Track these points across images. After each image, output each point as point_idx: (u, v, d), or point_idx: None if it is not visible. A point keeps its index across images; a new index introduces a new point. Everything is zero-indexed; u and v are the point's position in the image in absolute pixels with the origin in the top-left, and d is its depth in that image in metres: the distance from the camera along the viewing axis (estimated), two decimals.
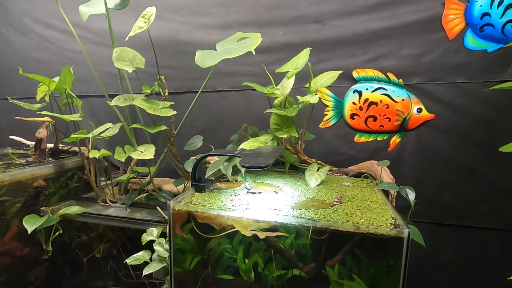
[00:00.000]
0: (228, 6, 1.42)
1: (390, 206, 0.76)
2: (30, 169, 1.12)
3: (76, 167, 1.31)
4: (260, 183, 0.98)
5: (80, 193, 1.33)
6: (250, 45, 0.93)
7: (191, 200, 0.80)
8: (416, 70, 1.26)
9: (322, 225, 0.65)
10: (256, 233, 0.70)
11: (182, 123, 1.24)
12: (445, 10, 1.19)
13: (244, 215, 0.70)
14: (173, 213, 0.74)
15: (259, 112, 1.47)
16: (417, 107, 1.26)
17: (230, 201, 0.80)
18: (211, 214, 0.73)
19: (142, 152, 1.05)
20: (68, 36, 1.68)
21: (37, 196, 1.16)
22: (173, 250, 0.76)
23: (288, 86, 0.97)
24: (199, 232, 0.77)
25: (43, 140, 1.20)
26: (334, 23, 1.31)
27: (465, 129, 1.24)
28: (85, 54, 1.31)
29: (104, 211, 1.13)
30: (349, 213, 0.73)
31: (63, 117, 1.11)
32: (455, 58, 1.21)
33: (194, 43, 1.48)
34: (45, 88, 1.29)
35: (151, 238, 0.94)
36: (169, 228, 0.75)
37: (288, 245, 0.84)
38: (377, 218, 0.70)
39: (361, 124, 1.34)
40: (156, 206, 1.16)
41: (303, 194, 0.87)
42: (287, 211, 0.73)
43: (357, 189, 0.94)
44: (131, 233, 1.20)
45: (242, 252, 0.90)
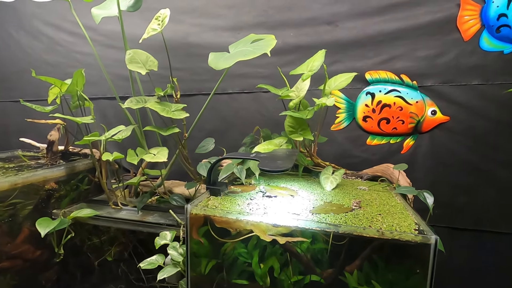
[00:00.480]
0: (238, 8, 1.42)
1: (411, 211, 0.74)
2: (42, 172, 1.11)
3: (87, 169, 1.31)
4: (275, 186, 0.97)
5: (90, 195, 1.33)
6: (265, 47, 0.92)
7: (207, 204, 0.79)
8: (430, 71, 1.24)
9: (345, 230, 0.63)
10: (276, 238, 0.68)
11: (193, 125, 1.24)
12: (461, 11, 1.17)
13: (264, 220, 0.69)
14: (190, 217, 0.73)
15: (270, 114, 1.46)
16: (432, 109, 1.24)
17: (247, 205, 0.79)
18: (230, 219, 0.72)
19: (154, 155, 1.04)
20: (78, 38, 1.68)
21: (48, 199, 1.16)
22: (190, 255, 0.75)
23: (304, 89, 0.96)
24: (216, 237, 0.76)
25: (55, 143, 1.20)
26: (347, 25, 1.30)
27: (481, 132, 1.22)
28: (97, 57, 1.31)
29: (116, 214, 1.12)
30: (369, 218, 0.71)
31: (75, 120, 1.11)
32: (471, 59, 1.19)
33: (204, 45, 1.48)
34: (56, 91, 1.29)
35: (164, 242, 0.93)
36: (186, 233, 0.74)
37: (304, 250, 0.83)
38: (399, 223, 0.68)
39: (374, 127, 1.32)
40: (167, 209, 1.15)
41: (319, 198, 0.86)
42: (306, 216, 0.71)
43: (374, 193, 0.92)
44: (142, 236, 1.19)
45: (257, 256, 0.88)
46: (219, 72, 1.49)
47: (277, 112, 1.47)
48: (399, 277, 0.72)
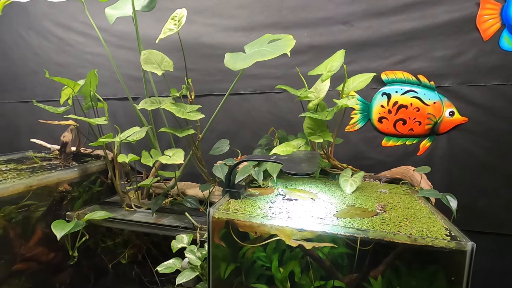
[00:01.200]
0: (251, 8, 1.40)
1: (439, 215, 0.72)
2: (56, 173, 1.10)
3: (99, 171, 1.30)
4: (294, 189, 0.95)
5: (102, 197, 1.32)
6: (284, 47, 0.90)
7: (228, 207, 0.78)
8: (448, 72, 1.22)
9: (375, 236, 0.61)
10: (302, 243, 0.67)
11: (207, 126, 1.22)
12: (480, 10, 1.15)
13: (289, 224, 0.67)
14: (212, 221, 0.71)
15: (282, 115, 1.45)
16: (449, 110, 1.22)
17: (269, 208, 0.77)
18: (253, 223, 0.70)
19: (170, 157, 1.03)
20: (89, 39, 1.68)
21: (61, 201, 1.15)
22: (212, 259, 0.73)
23: (323, 89, 0.94)
24: (239, 241, 0.75)
25: (68, 144, 1.19)
26: (362, 24, 1.28)
27: (501, 133, 1.19)
28: (110, 58, 1.30)
29: (130, 216, 1.11)
30: (397, 223, 0.69)
31: (89, 121, 1.10)
32: (490, 59, 1.17)
33: (217, 45, 1.47)
34: (69, 91, 1.28)
35: (182, 245, 0.92)
36: (208, 237, 0.72)
37: (326, 254, 0.81)
38: (429, 228, 0.66)
39: (390, 128, 1.30)
40: (181, 211, 1.14)
41: (341, 201, 0.84)
42: (331, 220, 0.69)
43: (395, 196, 0.90)
44: (156, 239, 1.18)
45: (277, 260, 0.87)
46: (231, 73, 1.48)
47: (290, 113, 1.45)
48: (424, 284, 0.70)
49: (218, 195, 1.20)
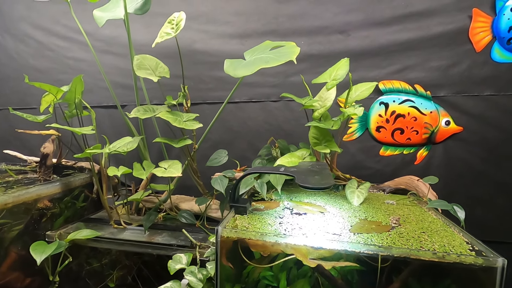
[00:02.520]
0: (247, 15, 1.37)
1: (456, 228, 0.70)
2: (36, 189, 0.99)
3: (83, 184, 1.19)
4: (299, 202, 0.90)
5: (86, 213, 1.21)
6: (289, 54, 0.87)
7: (235, 224, 0.72)
8: (443, 82, 1.23)
9: (400, 253, 0.58)
10: (321, 263, 0.62)
11: (203, 136, 1.16)
12: (472, 23, 1.18)
13: (306, 243, 0.62)
14: (221, 240, 0.65)
15: (279, 124, 1.41)
16: (445, 119, 1.23)
17: (279, 224, 0.72)
18: (266, 242, 0.64)
19: (166, 169, 0.95)
20: (71, 43, 1.57)
21: (40, 219, 1.03)
22: (220, 282, 0.66)
23: (330, 98, 0.91)
24: (249, 262, 0.68)
25: (49, 156, 1.08)
26: (359, 34, 1.28)
27: (494, 142, 1.22)
28: (98, 63, 1.22)
29: (120, 234, 1.01)
30: (415, 237, 0.66)
31: (74, 130, 1.01)
32: (483, 70, 1.20)
33: (211, 52, 1.42)
34: (50, 98, 1.18)
35: (180, 266, 0.84)
36: (216, 257, 0.66)
37: (337, 272, 0.77)
38: (449, 242, 0.63)
39: (388, 137, 1.29)
40: (176, 228, 1.06)
41: (352, 215, 0.80)
42: (349, 236, 0.65)
43: (404, 208, 0.88)
44: (148, 258, 1.09)
45: (285, 279, 0.81)
46: (225, 81, 1.44)
47: (286, 122, 1.42)
48: None
49: (215, 209, 1.13)
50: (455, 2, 1.19)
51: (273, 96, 1.40)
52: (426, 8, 1.21)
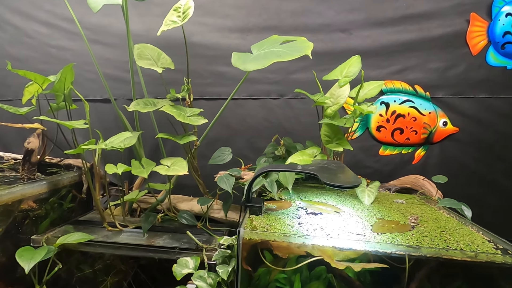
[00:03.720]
0: (248, 9, 1.33)
1: (475, 226, 0.70)
2: (20, 189, 0.89)
3: (71, 184, 1.10)
4: (310, 201, 0.88)
5: (74, 215, 1.11)
6: (303, 48, 0.84)
7: (254, 225, 0.68)
8: (441, 83, 1.26)
9: (433, 254, 0.56)
10: (351, 266, 0.59)
11: (205, 133, 1.11)
12: (470, 27, 1.21)
13: (337, 244, 0.59)
14: (243, 243, 0.61)
15: (279, 122, 1.38)
16: (443, 120, 1.26)
17: (299, 225, 0.69)
18: (292, 244, 0.61)
19: (169, 167, 0.89)
20: (54, 30, 1.45)
21: (23, 221, 0.93)
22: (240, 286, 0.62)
23: (343, 95, 0.89)
24: (270, 265, 0.65)
25: (34, 152, 0.98)
26: (361, 33, 1.28)
27: (487, 143, 1.26)
28: (91, 54, 1.13)
29: (116, 238, 0.93)
30: (438, 236, 0.65)
31: (66, 124, 0.92)
32: (478, 73, 1.24)
33: (210, 46, 1.36)
34: (34, 88, 1.07)
35: (188, 271, 0.78)
36: (237, 261, 0.61)
37: (354, 273, 0.75)
38: (472, 241, 0.63)
39: (387, 137, 1.30)
40: (176, 229, 1.00)
41: (368, 214, 0.79)
42: (373, 237, 0.63)
43: (415, 207, 0.88)
44: (144, 262, 1.02)
45: (299, 282, 0.78)
46: (224, 76, 1.39)
47: (287, 120, 1.39)
48: None
49: (217, 209, 1.08)
50: (454, 5, 1.22)
51: (273, 93, 1.37)
52: (426, 10, 1.23)
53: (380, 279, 0.74)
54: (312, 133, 1.33)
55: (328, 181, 0.60)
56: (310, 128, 1.36)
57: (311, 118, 1.36)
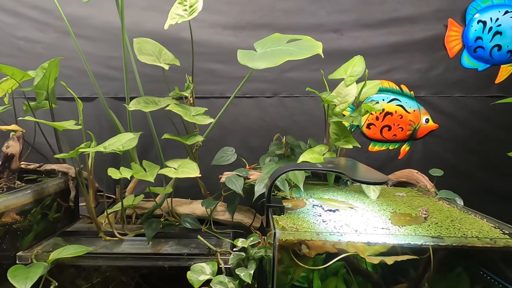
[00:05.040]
0: (242, 6, 1.31)
1: (478, 214, 0.77)
2: (3, 200, 0.78)
3: (57, 191, 0.99)
4: (322, 198, 0.89)
5: (59, 226, 1.01)
6: (313, 47, 0.85)
7: (281, 225, 0.67)
8: (423, 83, 1.35)
9: (459, 242, 0.60)
10: (384, 259, 0.61)
11: (207, 132, 1.06)
12: (447, 32, 1.32)
13: (372, 239, 0.60)
14: (278, 245, 0.59)
15: (273, 121, 1.38)
16: (425, 117, 1.36)
17: (323, 222, 0.69)
18: (327, 242, 0.61)
19: (176, 169, 0.84)
20: (22, 20, 1.30)
21: (4, 237, 0.82)
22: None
23: (351, 94, 0.92)
24: (301, 264, 0.64)
25: (14, 157, 0.86)
26: (352, 34, 1.32)
27: (462, 138, 1.38)
28: (79, 50, 1.02)
29: (117, 248, 0.86)
30: (451, 226, 0.70)
31: (55, 125, 0.82)
32: (455, 74, 1.35)
33: (200, 42, 1.31)
34: (8, 85, 0.94)
35: (205, 277, 0.75)
36: (273, 264, 0.60)
37: (372, 266, 0.77)
38: (481, 228, 0.69)
39: (377, 134, 1.37)
40: (179, 235, 0.96)
41: (380, 209, 0.82)
42: (397, 230, 0.66)
43: (416, 199, 0.93)
44: (145, 271, 0.95)
45: (318, 279, 0.79)
46: (215, 74, 1.35)
47: (281, 119, 1.39)
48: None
49: (221, 211, 1.05)
50: (434, 11, 1.31)
51: (268, 91, 1.36)
52: (410, 14, 1.31)
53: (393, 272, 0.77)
54: (306, 132, 1.36)
55: (360, 179, 0.61)
56: (304, 127, 1.38)
57: (305, 116, 1.38)
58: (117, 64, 1.34)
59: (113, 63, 1.34)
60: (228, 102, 1.04)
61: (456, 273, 0.76)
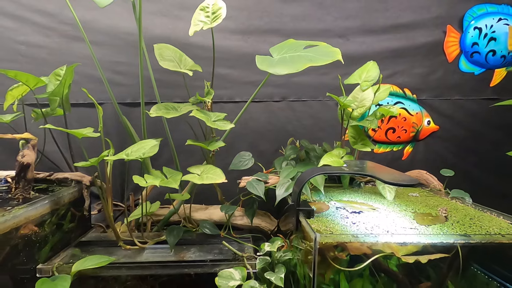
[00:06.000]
0: (250, 11, 1.32)
1: (494, 212, 0.81)
2: (23, 211, 0.75)
3: (71, 201, 0.96)
4: (342, 201, 0.91)
5: (73, 236, 0.98)
6: (332, 53, 0.87)
7: (315, 228, 0.68)
8: (425, 87, 1.41)
9: (488, 239, 0.63)
10: (419, 258, 0.63)
11: (224, 136, 1.06)
12: (446, 37, 1.38)
13: (407, 240, 0.63)
14: (319, 248, 0.61)
15: (281, 125, 1.40)
16: (427, 119, 1.41)
17: (353, 224, 0.71)
18: (365, 243, 0.63)
19: (199, 175, 0.84)
20: (23, 24, 1.26)
21: (23, 250, 0.79)
22: None
23: (368, 98, 0.94)
24: (336, 266, 0.65)
25: (30, 167, 0.83)
26: (357, 40, 1.36)
27: (460, 139, 1.44)
28: (92, 54, 1.00)
29: (139, 257, 0.85)
30: (472, 224, 0.73)
31: (75, 132, 0.80)
32: (453, 78, 1.41)
33: (210, 47, 1.30)
34: (18, 92, 0.91)
35: (235, 283, 0.75)
36: (314, 267, 0.61)
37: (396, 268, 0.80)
38: (500, 226, 0.73)
39: (382, 136, 1.41)
40: (198, 241, 0.95)
41: (401, 209, 0.85)
42: (425, 229, 0.69)
43: (430, 199, 0.97)
44: (165, 278, 0.94)
45: (345, 280, 0.80)
46: (225, 79, 1.36)
47: (289, 122, 1.41)
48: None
49: (239, 216, 1.05)
50: (433, 18, 1.37)
51: (276, 96, 1.38)
52: (412, 21, 1.37)
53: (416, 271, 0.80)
54: (314, 135, 1.38)
55: (393, 181, 0.64)
56: (311, 130, 1.40)
57: (312, 120, 1.41)
58: (123, 69, 1.32)
59: (119, 68, 1.32)
60: (245, 107, 1.04)
61: (472, 272, 0.80)
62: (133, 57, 1.30)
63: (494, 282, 0.76)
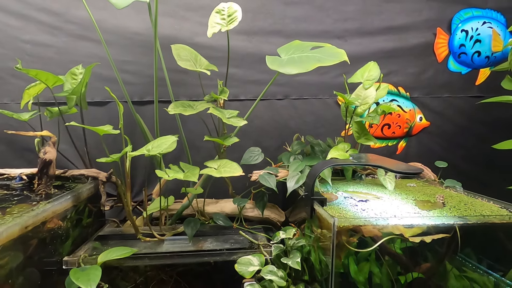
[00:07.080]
0: (254, 13, 1.37)
1: (485, 198, 0.90)
2: (50, 206, 0.78)
3: (89, 196, 0.99)
4: (348, 191, 0.98)
5: (90, 231, 1.01)
6: (339, 54, 0.94)
7: (331, 214, 0.74)
8: (417, 85, 1.50)
9: (482, 220, 0.71)
10: (423, 238, 0.71)
11: (235, 132, 1.12)
12: (436, 39, 1.48)
13: (414, 222, 0.70)
14: (337, 232, 0.67)
15: (284, 122, 1.46)
16: (419, 116, 1.51)
17: (363, 210, 0.78)
18: (377, 226, 0.70)
19: (216, 169, 0.89)
20: (27, 22, 1.26)
21: (49, 243, 0.82)
22: (334, 276, 0.68)
23: (371, 96, 1.02)
24: (351, 248, 0.72)
25: (52, 163, 0.86)
26: (354, 41, 1.44)
27: (450, 134, 1.55)
28: (107, 51, 1.02)
29: (160, 247, 0.89)
30: (467, 209, 0.82)
31: (97, 129, 0.83)
32: (443, 77, 1.51)
33: (215, 47, 1.36)
34: (35, 91, 0.93)
35: (254, 268, 0.80)
36: (332, 251, 0.67)
37: (399, 249, 0.88)
38: (491, 209, 0.81)
39: (378, 132, 1.49)
40: (213, 232, 1.00)
41: (403, 197, 0.93)
42: (427, 213, 0.76)
43: (427, 188, 1.05)
44: (182, 268, 0.99)
45: (354, 264, 0.88)
46: (231, 78, 1.40)
47: (292, 119, 1.47)
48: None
49: (250, 208, 1.11)
50: (424, 21, 1.46)
51: (279, 94, 1.44)
52: (405, 23, 1.46)
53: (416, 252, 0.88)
54: (315, 131, 1.45)
55: (401, 170, 0.71)
56: (313, 127, 1.47)
57: (313, 117, 1.48)
58: (130, 68, 1.35)
59: (126, 67, 1.34)
60: (254, 105, 1.10)
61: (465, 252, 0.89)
62: (140, 56, 1.33)
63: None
